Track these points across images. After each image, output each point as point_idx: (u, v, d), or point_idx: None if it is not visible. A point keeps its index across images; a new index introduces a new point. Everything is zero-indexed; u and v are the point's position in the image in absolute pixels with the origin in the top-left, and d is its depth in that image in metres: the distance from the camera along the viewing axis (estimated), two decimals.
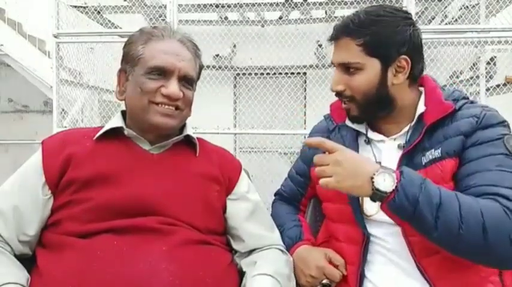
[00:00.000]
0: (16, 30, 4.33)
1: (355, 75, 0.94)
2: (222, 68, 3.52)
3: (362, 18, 0.93)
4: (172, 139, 0.99)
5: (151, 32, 0.97)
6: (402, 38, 0.92)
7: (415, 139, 0.93)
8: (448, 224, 0.77)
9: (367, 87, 0.94)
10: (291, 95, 3.57)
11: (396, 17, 0.93)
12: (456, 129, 0.90)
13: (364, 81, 0.94)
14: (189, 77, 0.97)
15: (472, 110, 0.91)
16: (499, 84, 2.88)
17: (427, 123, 0.92)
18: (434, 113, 0.92)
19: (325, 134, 1.10)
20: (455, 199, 0.79)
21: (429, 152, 0.91)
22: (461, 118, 0.91)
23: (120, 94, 1.00)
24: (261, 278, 0.90)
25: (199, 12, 3.25)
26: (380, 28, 0.92)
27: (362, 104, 0.96)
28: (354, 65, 0.94)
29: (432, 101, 0.95)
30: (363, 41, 0.92)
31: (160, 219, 0.88)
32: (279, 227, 1.11)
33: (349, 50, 0.94)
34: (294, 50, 3.30)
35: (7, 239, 0.87)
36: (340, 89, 0.97)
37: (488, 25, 2.86)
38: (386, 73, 0.94)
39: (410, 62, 0.93)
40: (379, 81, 0.94)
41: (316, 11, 3.66)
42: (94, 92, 3.43)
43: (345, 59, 0.95)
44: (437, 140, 0.91)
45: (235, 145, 3.86)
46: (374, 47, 0.92)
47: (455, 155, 0.88)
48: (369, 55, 0.92)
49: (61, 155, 0.90)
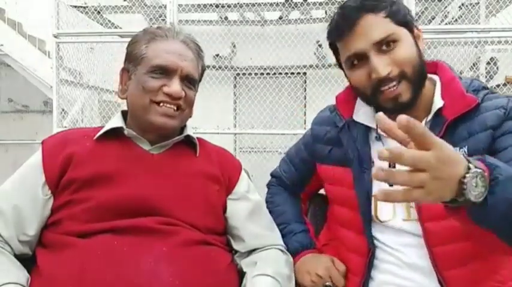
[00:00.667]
0: (16, 30, 4.33)
1: (396, 49, 0.85)
2: (222, 68, 3.52)
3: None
4: (173, 139, 0.99)
5: (155, 32, 0.97)
6: (408, 10, 0.89)
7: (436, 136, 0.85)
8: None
9: (412, 56, 0.86)
10: (291, 95, 3.58)
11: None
12: (482, 124, 0.82)
13: (407, 51, 0.85)
14: (191, 77, 0.97)
15: (498, 101, 0.84)
16: (499, 84, 2.88)
17: (449, 118, 0.84)
18: (456, 107, 0.85)
19: (333, 128, 1.02)
20: None
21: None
22: (486, 111, 0.83)
23: (122, 93, 1.00)
24: (261, 278, 0.90)
25: (199, 12, 3.25)
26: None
27: (413, 80, 0.86)
28: (392, 37, 0.84)
29: (452, 94, 0.87)
30: (387, 11, 0.85)
31: (160, 219, 0.87)
32: (283, 223, 1.07)
33: (379, 24, 0.85)
34: (294, 50, 3.30)
35: (7, 239, 0.86)
36: (390, 70, 0.84)
37: (488, 25, 2.87)
38: (416, 42, 0.88)
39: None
40: (416, 49, 0.87)
41: (316, 11, 3.67)
42: (94, 92, 3.43)
43: (381, 34, 0.84)
44: (461, 137, 0.83)
45: (235, 145, 3.86)
46: (398, 15, 0.86)
47: (483, 151, 0.80)
48: (397, 24, 0.85)
49: (61, 155, 0.90)
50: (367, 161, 0.94)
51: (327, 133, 1.04)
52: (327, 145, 1.04)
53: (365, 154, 0.95)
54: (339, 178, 1.00)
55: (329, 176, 1.04)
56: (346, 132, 0.99)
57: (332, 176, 1.02)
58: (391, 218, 0.92)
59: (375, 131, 0.95)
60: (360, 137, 0.96)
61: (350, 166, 0.96)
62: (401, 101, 0.86)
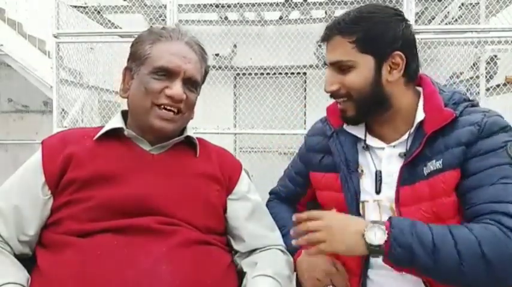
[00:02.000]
0: (16, 30, 4.34)
1: (348, 74, 0.92)
2: (222, 68, 3.53)
3: (352, 16, 0.91)
4: (173, 140, 0.99)
5: (159, 33, 0.97)
6: (395, 34, 0.90)
7: (416, 149, 0.89)
8: (448, 264, 0.76)
9: (362, 85, 0.91)
10: (291, 95, 3.57)
11: (387, 14, 0.92)
12: (457, 139, 0.86)
13: (358, 79, 0.91)
14: (193, 79, 0.96)
15: (473, 116, 0.87)
16: (499, 84, 2.88)
17: (427, 131, 0.89)
18: (434, 121, 0.89)
19: (323, 137, 1.07)
20: (449, 237, 0.78)
21: (430, 162, 0.88)
22: (462, 126, 0.87)
23: (123, 92, 1.00)
24: (261, 279, 0.90)
25: (199, 12, 3.25)
26: (372, 24, 0.90)
27: (358, 103, 0.93)
28: (347, 63, 0.91)
29: (432, 108, 0.91)
30: (355, 37, 0.89)
31: (160, 219, 0.87)
32: (281, 228, 1.09)
33: (341, 48, 0.91)
34: (294, 50, 3.30)
35: (7, 239, 0.87)
36: (335, 89, 0.94)
37: (488, 25, 2.87)
38: (380, 70, 0.91)
39: (405, 58, 0.91)
40: (374, 78, 0.91)
41: (316, 11, 3.66)
42: (94, 92, 3.43)
43: (338, 57, 0.92)
44: (438, 150, 0.88)
45: (235, 145, 3.86)
46: (367, 43, 0.89)
47: (456, 166, 0.85)
48: (362, 52, 0.90)
49: (61, 155, 0.90)
50: (354, 165, 0.99)
51: (318, 143, 1.09)
52: (319, 154, 1.08)
53: (352, 158, 1.00)
54: (328, 184, 1.04)
55: (320, 183, 1.07)
56: (335, 140, 1.04)
57: (322, 182, 1.06)
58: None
59: (363, 141, 1.00)
60: (348, 144, 1.01)
61: (338, 171, 1.01)
62: (347, 116, 0.97)
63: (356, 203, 0.97)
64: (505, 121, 0.88)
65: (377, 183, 0.95)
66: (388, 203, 0.94)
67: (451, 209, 0.86)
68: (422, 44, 2.69)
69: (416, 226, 0.80)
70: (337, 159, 1.01)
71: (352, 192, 0.97)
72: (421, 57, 2.78)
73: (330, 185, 1.03)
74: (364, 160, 0.99)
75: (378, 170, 0.96)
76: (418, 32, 2.49)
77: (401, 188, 0.91)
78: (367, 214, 0.96)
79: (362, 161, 0.99)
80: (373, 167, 0.97)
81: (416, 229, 0.79)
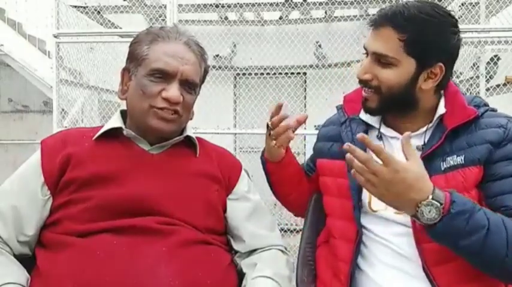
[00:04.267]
0: (16, 30, 4.34)
1: (387, 69, 0.90)
2: (222, 68, 3.53)
3: (411, 13, 0.86)
4: (172, 140, 0.99)
5: (157, 33, 0.96)
6: (445, 46, 0.88)
7: (436, 143, 0.89)
8: (493, 252, 0.76)
9: (395, 84, 0.90)
10: (291, 95, 3.57)
11: (446, 22, 0.88)
12: (482, 138, 0.87)
13: (395, 77, 0.89)
14: (191, 81, 0.96)
15: (498, 119, 0.89)
16: (499, 84, 2.88)
17: (449, 127, 0.89)
18: (457, 117, 0.89)
19: (336, 126, 1.07)
20: (502, 227, 0.77)
21: (450, 157, 0.88)
22: (486, 127, 0.88)
23: (122, 93, 0.99)
24: (261, 280, 0.90)
25: (199, 12, 3.25)
26: (427, 29, 0.86)
27: (385, 98, 0.92)
28: (390, 58, 0.88)
29: (454, 105, 0.92)
30: (406, 36, 0.86)
31: (159, 219, 0.87)
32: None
33: (389, 42, 0.88)
34: (294, 50, 3.30)
35: (6, 240, 0.86)
36: (367, 78, 0.92)
37: (488, 25, 2.87)
38: (418, 76, 0.89)
39: (444, 71, 0.89)
40: (410, 82, 0.89)
41: (316, 11, 3.67)
42: (94, 92, 3.43)
43: (383, 50, 0.89)
44: (460, 146, 0.88)
45: (235, 145, 3.87)
46: (416, 46, 0.87)
47: (479, 163, 0.86)
48: (407, 53, 0.87)
49: (60, 155, 0.90)
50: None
51: (330, 131, 1.11)
52: (329, 142, 1.09)
53: (360, 145, 0.97)
54: (335, 170, 1.04)
55: (325, 169, 1.07)
56: (347, 127, 1.04)
57: (329, 168, 1.06)
58: (383, 208, 0.94)
59: (378, 130, 1.00)
60: (359, 131, 0.99)
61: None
62: (368, 106, 0.96)
63: (359, 188, 0.96)
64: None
65: None
66: None
67: None
68: None
69: (476, 208, 0.77)
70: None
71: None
72: None
73: (336, 172, 1.03)
74: None
75: None
76: None
77: None
78: (374, 199, 0.94)
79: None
80: None
81: (474, 213, 0.76)
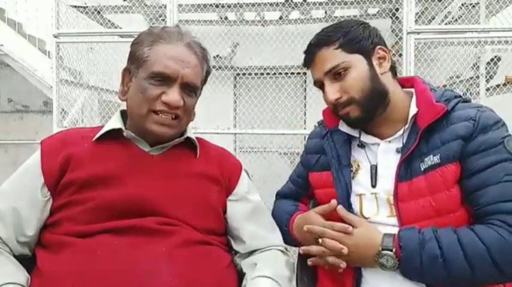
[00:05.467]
0: (16, 30, 4.33)
1: (346, 77, 0.95)
2: (222, 68, 3.52)
3: (328, 30, 0.99)
4: (173, 141, 0.98)
5: (159, 34, 0.94)
6: (369, 33, 0.98)
7: (412, 144, 0.92)
8: (460, 274, 0.82)
9: (361, 82, 0.94)
10: (291, 95, 3.57)
11: (356, 21, 1.00)
12: (453, 133, 0.88)
13: (357, 77, 0.94)
14: (191, 84, 0.95)
15: (468, 111, 0.90)
16: (499, 84, 2.88)
17: (421, 126, 0.91)
18: (426, 116, 0.92)
19: (320, 139, 1.12)
20: (458, 248, 0.82)
21: (427, 157, 0.90)
22: (457, 121, 0.90)
23: (122, 94, 0.99)
24: (260, 280, 0.90)
25: (199, 12, 3.25)
26: (349, 28, 0.97)
27: (361, 102, 0.95)
28: (341, 66, 0.95)
29: (423, 104, 0.94)
30: (338, 43, 0.95)
31: (159, 220, 0.87)
32: (281, 214, 1.12)
33: (330, 56, 0.96)
34: (294, 50, 3.30)
35: (6, 240, 0.86)
36: (337, 96, 0.96)
37: (488, 25, 2.86)
38: (372, 65, 0.96)
39: (386, 51, 0.98)
40: (370, 73, 0.95)
41: (316, 11, 3.66)
42: (94, 92, 3.43)
43: (331, 64, 0.95)
44: (435, 145, 0.90)
45: (235, 145, 3.86)
46: (351, 44, 0.95)
47: (455, 160, 0.87)
48: (350, 53, 0.95)
49: (60, 156, 0.90)
50: (345, 160, 1.03)
51: (315, 144, 1.14)
52: (316, 155, 1.12)
53: (344, 154, 1.04)
54: (324, 181, 1.07)
55: (317, 182, 1.10)
56: (328, 139, 1.09)
57: (319, 181, 1.09)
58: (375, 214, 0.97)
59: (358, 139, 1.04)
60: (341, 141, 1.06)
61: (331, 167, 1.04)
62: (353, 116, 0.97)
63: (347, 196, 0.99)
64: (498, 116, 0.91)
65: (372, 177, 0.98)
66: (385, 195, 0.95)
67: (452, 203, 0.87)
68: (422, 44, 2.69)
69: (425, 240, 0.84)
70: (329, 156, 1.06)
71: (343, 185, 1.00)
72: (421, 57, 2.80)
73: (326, 183, 1.06)
74: (359, 156, 1.03)
75: (372, 164, 0.99)
76: (418, 32, 2.49)
77: (399, 184, 0.93)
78: (365, 206, 0.98)
79: (358, 157, 1.03)
80: (368, 162, 1.00)
81: (424, 244, 0.84)
